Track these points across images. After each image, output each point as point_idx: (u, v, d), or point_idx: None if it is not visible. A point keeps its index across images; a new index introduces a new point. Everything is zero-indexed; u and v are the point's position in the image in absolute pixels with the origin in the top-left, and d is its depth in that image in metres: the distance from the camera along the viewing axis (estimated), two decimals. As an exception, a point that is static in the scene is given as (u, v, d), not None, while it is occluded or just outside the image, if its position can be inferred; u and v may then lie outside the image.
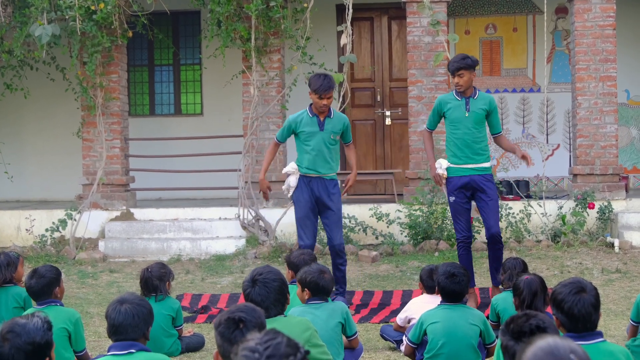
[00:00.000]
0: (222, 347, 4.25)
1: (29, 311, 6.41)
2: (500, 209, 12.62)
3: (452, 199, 9.52)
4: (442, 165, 9.57)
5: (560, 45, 16.11)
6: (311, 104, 9.58)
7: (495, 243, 9.48)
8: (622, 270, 11.22)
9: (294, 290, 6.61)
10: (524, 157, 9.56)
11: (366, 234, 12.87)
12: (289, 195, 9.75)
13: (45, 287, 6.66)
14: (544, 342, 3.06)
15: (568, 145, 15.84)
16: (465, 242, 9.48)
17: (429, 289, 7.61)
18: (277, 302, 5.50)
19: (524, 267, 7.64)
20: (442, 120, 9.72)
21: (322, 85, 9.37)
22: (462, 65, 9.36)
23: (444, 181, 9.57)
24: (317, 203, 9.57)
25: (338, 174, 14.34)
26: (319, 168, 9.56)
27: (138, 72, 16.75)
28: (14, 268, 7.55)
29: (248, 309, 4.41)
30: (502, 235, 12.59)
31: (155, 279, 7.31)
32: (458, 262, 8.54)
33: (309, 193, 9.55)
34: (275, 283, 5.51)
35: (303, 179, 9.59)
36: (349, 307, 9.47)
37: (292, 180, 9.65)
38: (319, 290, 6.54)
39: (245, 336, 4.28)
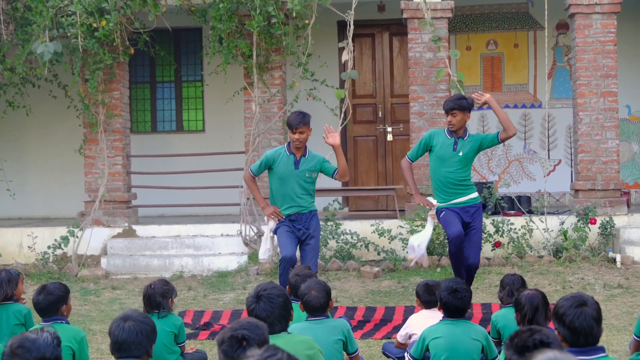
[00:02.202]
0: (225, 365, 4.26)
1: (37, 327, 6.42)
2: (502, 225, 12.65)
3: (442, 214, 9.56)
4: (432, 201, 9.66)
5: (561, 60, 16.14)
6: (289, 142, 9.58)
7: (469, 273, 9.52)
8: (624, 285, 11.22)
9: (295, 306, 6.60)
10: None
11: (368, 250, 12.87)
12: (270, 234, 9.77)
13: (52, 304, 6.64)
14: (544, 357, 3.07)
15: (569, 161, 15.84)
16: (459, 237, 9.32)
17: (426, 304, 7.59)
18: (281, 318, 5.51)
19: (523, 283, 7.62)
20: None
21: (294, 119, 9.37)
22: (456, 105, 9.43)
23: (434, 205, 9.61)
24: (297, 235, 9.56)
25: (338, 190, 14.37)
26: (292, 208, 9.51)
27: (140, 89, 16.77)
28: (14, 285, 7.52)
29: (251, 326, 4.40)
30: (503, 250, 12.68)
31: (158, 296, 7.29)
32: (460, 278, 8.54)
33: (286, 223, 9.52)
34: (279, 299, 5.52)
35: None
36: (349, 321, 9.47)
37: (271, 224, 9.66)
38: (307, 307, 6.55)
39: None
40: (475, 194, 9.62)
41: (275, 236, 9.69)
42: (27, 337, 4.38)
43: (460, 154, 9.46)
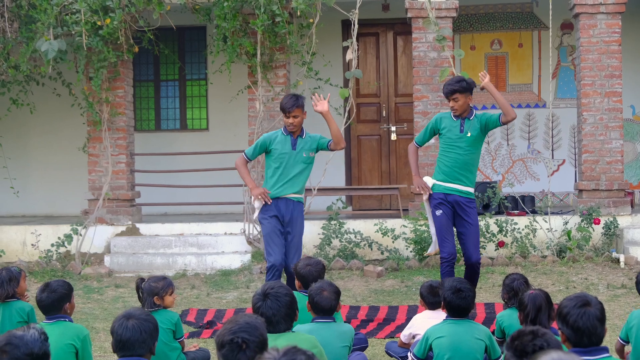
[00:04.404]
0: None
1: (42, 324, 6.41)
2: (505, 224, 12.64)
3: (438, 212, 9.45)
4: (427, 181, 9.58)
5: (565, 60, 16.12)
6: (285, 126, 9.54)
7: (474, 271, 9.43)
8: (627, 285, 11.20)
9: (300, 297, 6.60)
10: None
11: (371, 249, 12.87)
12: (255, 216, 9.69)
13: (56, 302, 6.63)
14: (548, 358, 3.06)
15: (573, 161, 15.83)
16: (452, 260, 9.34)
17: (430, 305, 7.58)
18: (287, 317, 5.53)
19: (526, 283, 7.58)
20: (433, 138, 9.87)
21: (286, 103, 9.34)
22: (457, 88, 9.33)
23: (429, 190, 9.52)
24: (282, 223, 9.47)
25: (342, 189, 14.39)
26: (286, 189, 9.46)
27: (144, 87, 16.78)
28: (16, 283, 7.52)
29: (250, 328, 4.41)
30: (506, 250, 12.66)
31: (145, 292, 7.26)
32: (463, 277, 8.52)
33: (273, 211, 9.43)
34: (286, 298, 5.56)
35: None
36: (351, 321, 9.48)
37: (257, 203, 9.58)
38: (316, 308, 6.55)
39: (248, 357, 4.31)
40: (472, 189, 9.52)
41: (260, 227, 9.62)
42: (15, 334, 4.38)
43: (469, 134, 9.37)
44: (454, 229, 9.58)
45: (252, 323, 4.46)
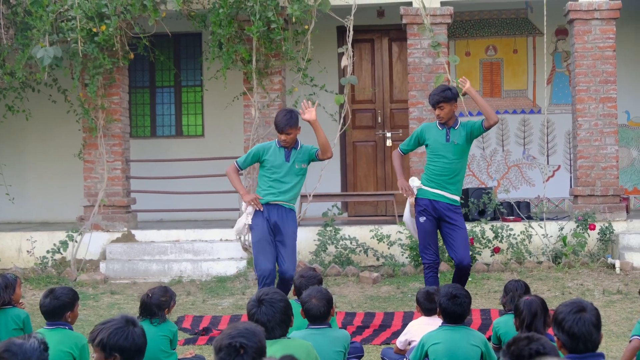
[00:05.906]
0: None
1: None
2: (501, 230, 12.65)
3: (422, 219, 9.51)
4: (413, 181, 9.62)
5: (560, 66, 16.15)
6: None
7: (463, 274, 9.42)
8: (623, 291, 11.21)
9: (294, 305, 6.59)
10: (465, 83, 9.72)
11: (367, 255, 12.87)
12: (242, 222, 9.62)
13: (57, 309, 6.61)
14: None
15: (569, 167, 15.85)
16: (435, 266, 9.46)
17: (426, 311, 7.58)
18: (282, 323, 5.53)
19: (526, 289, 7.59)
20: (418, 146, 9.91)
21: (280, 122, 9.30)
22: (442, 98, 9.41)
23: (413, 193, 9.58)
24: (272, 229, 9.44)
25: (337, 195, 14.39)
26: (279, 196, 9.44)
27: (139, 94, 16.77)
28: (12, 290, 7.49)
29: (248, 333, 4.41)
30: (502, 256, 12.67)
31: (154, 307, 7.27)
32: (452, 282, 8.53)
33: (263, 217, 9.43)
34: (281, 304, 5.56)
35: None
36: (347, 327, 9.47)
37: (249, 209, 9.58)
38: (307, 315, 6.54)
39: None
40: (457, 197, 9.57)
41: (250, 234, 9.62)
42: (14, 341, 4.38)
43: (455, 143, 9.44)
44: (438, 235, 9.65)
45: (251, 329, 4.47)
